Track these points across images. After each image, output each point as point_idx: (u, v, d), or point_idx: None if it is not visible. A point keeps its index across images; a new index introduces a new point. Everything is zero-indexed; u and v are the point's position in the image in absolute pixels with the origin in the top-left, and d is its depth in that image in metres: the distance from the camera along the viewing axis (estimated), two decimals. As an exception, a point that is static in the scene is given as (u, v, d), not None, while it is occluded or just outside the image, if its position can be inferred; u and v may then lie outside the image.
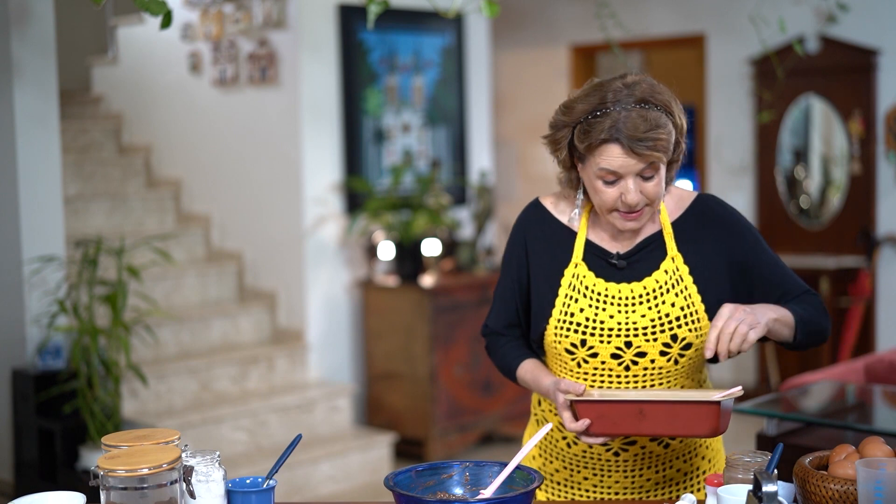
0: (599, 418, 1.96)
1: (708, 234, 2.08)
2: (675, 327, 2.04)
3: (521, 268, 2.17)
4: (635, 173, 1.97)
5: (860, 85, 6.53)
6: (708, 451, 2.23)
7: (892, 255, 6.52)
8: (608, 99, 1.97)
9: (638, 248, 2.09)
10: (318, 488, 5.44)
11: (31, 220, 5.13)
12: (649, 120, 1.95)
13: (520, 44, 8.20)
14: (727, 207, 2.12)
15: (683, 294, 2.04)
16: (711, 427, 1.91)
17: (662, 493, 2.20)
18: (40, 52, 5.13)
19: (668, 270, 2.06)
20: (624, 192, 1.98)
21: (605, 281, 2.08)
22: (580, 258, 2.10)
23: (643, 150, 1.94)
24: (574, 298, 2.08)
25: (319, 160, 5.98)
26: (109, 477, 1.81)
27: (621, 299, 2.06)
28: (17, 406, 5.06)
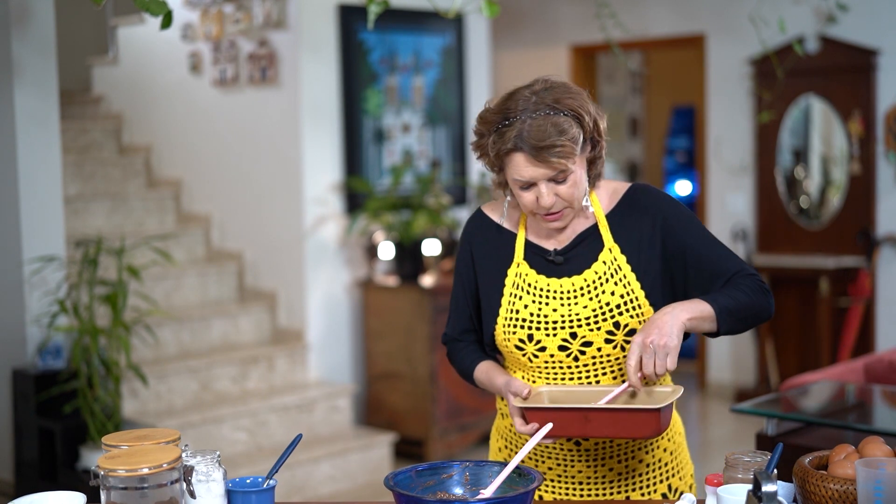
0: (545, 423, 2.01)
1: (641, 222, 2.14)
2: (616, 315, 2.10)
3: (469, 275, 2.25)
4: (546, 179, 2.05)
5: (860, 85, 6.53)
6: (670, 444, 2.26)
7: (892, 255, 6.52)
8: (516, 108, 2.04)
9: (574, 242, 2.16)
10: (318, 488, 5.45)
11: (31, 220, 5.13)
12: (551, 128, 2.00)
13: (520, 44, 8.20)
14: (659, 194, 2.17)
15: (623, 282, 2.11)
16: (653, 429, 1.96)
17: (627, 486, 2.22)
18: (41, 53, 5.14)
19: (606, 261, 2.13)
20: (538, 196, 2.06)
21: (547, 277, 2.15)
22: (521, 258, 2.18)
23: (547, 157, 2.01)
24: (518, 296, 2.15)
25: (319, 160, 5.98)
26: (110, 477, 1.81)
27: (563, 293, 2.13)
28: (18, 406, 5.06)
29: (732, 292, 2.08)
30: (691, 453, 2.42)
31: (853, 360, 4.72)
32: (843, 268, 6.54)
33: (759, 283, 2.11)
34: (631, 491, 2.22)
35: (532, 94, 2.05)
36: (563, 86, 2.08)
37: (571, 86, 2.09)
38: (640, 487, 2.22)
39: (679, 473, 2.26)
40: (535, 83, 2.09)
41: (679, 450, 2.27)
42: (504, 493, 1.96)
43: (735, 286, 2.10)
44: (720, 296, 2.07)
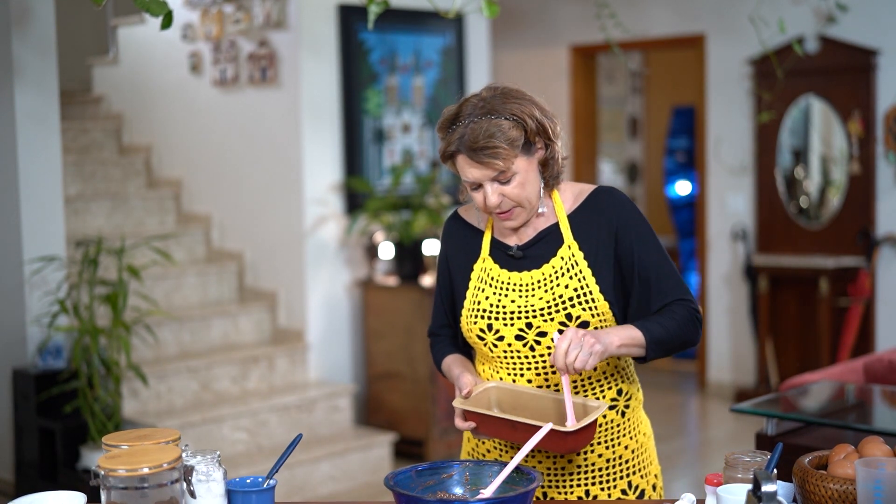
0: (482, 424, 2.15)
1: (600, 223, 2.24)
2: (569, 307, 2.19)
3: (444, 273, 2.38)
4: (490, 179, 2.16)
5: (859, 85, 6.53)
6: (632, 442, 2.31)
7: (892, 254, 6.52)
8: (462, 113, 2.17)
9: (535, 239, 2.27)
10: (318, 488, 5.45)
11: (31, 221, 5.14)
12: (488, 130, 2.12)
13: (520, 44, 8.20)
14: (621, 200, 2.26)
15: (578, 277, 2.20)
16: (567, 448, 2.06)
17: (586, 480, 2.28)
18: (41, 53, 5.14)
19: (564, 257, 2.23)
20: (485, 197, 2.18)
21: (508, 271, 2.26)
22: (487, 253, 2.30)
23: (481, 158, 2.13)
24: (482, 289, 2.27)
25: (320, 160, 5.99)
26: (110, 476, 1.82)
27: (522, 286, 2.24)
28: (18, 406, 5.06)
29: (666, 321, 2.19)
30: (691, 453, 2.44)
31: (853, 359, 4.72)
32: (842, 268, 6.54)
33: (693, 313, 2.22)
34: (590, 485, 2.28)
35: (479, 100, 2.18)
36: (511, 91, 2.19)
37: (520, 92, 2.20)
38: (600, 482, 2.28)
39: (642, 472, 2.32)
40: (484, 90, 2.21)
41: (642, 449, 2.33)
42: (504, 493, 1.96)
43: (670, 314, 2.20)
44: (653, 325, 2.18)
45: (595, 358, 2.05)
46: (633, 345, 2.15)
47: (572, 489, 2.28)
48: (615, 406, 2.28)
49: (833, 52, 6.61)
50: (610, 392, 2.27)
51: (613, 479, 2.29)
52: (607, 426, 2.27)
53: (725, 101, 7.15)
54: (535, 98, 2.21)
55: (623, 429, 2.29)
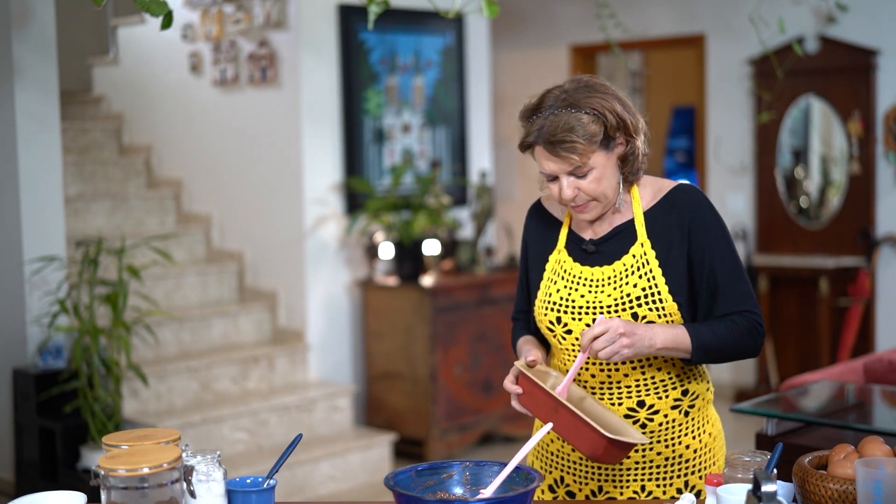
0: (528, 394, 2.13)
1: (676, 221, 2.21)
2: (635, 306, 2.18)
3: (524, 260, 2.40)
4: (566, 172, 2.15)
5: (859, 85, 6.53)
6: (694, 442, 2.28)
7: (892, 254, 6.52)
8: (544, 104, 2.16)
9: (609, 235, 2.26)
10: (318, 488, 5.45)
11: (31, 221, 5.14)
12: (566, 123, 2.11)
13: (520, 44, 8.20)
14: (699, 201, 2.23)
15: (647, 276, 2.19)
16: (594, 453, 2.02)
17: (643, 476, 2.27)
18: (41, 53, 5.14)
19: (636, 255, 2.21)
20: (560, 189, 2.18)
21: (581, 265, 2.26)
22: (563, 246, 2.30)
23: (559, 151, 2.12)
24: (554, 281, 2.28)
25: (320, 160, 5.99)
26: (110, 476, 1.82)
27: (592, 281, 2.23)
28: (18, 406, 5.06)
29: (719, 329, 2.17)
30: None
31: (853, 359, 4.72)
32: (842, 268, 6.54)
33: (754, 325, 2.19)
34: (646, 481, 2.26)
35: (562, 92, 2.16)
36: (594, 85, 2.17)
37: (603, 86, 2.18)
38: (657, 479, 2.26)
39: (701, 472, 2.29)
40: (567, 82, 2.20)
41: (706, 449, 2.30)
42: (504, 493, 1.96)
43: (728, 323, 2.18)
44: (704, 330, 2.16)
45: (619, 358, 2.07)
46: (676, 348, 2.14)
47: (628, 484, 2.27)
48: (678, 406, 2.25)
49: (833, 52, 6.60)
50: (674, 392, 2.25)
51: (671, 477, 2.27)
52: (667, 424, 2.25)
53: (725, 101, 7.15)
54: (619, 93, 2.19)
55: (685, 428, 2.26)
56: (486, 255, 6.34)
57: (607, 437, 1.99)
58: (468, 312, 5.92)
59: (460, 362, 5.88)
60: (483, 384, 6.00)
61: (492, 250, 6.41)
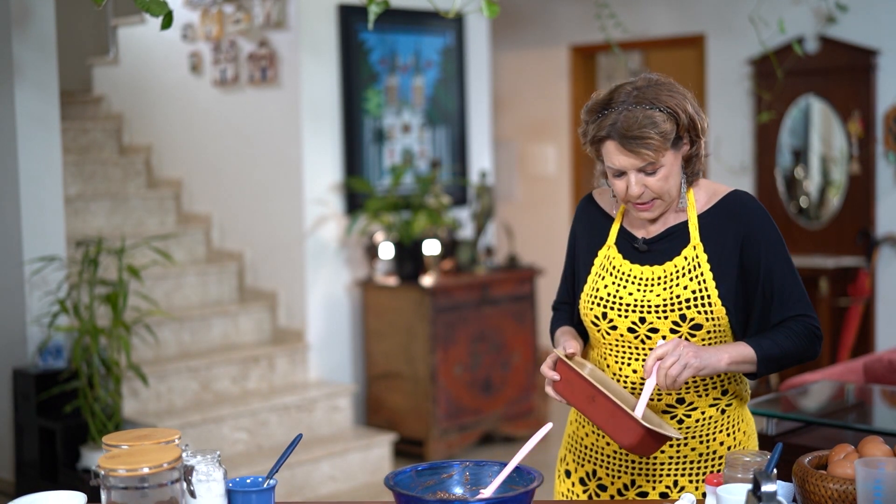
0: (565, 381, 2.14)
1: (729, 226, 2.22)
2: (683, 308, 2.19)
3: (572, 252, 2.41)
4: (636, 169, 2.15)
5: (859, 85, 6.53)
6: (728, 439, 2.30)
7: (892, 254, 6.52)
8: (616, 100, 2.16)
9: (663, 235, 2.26)
10: (318, 488, 5.45)
11: (32, 221, 5.14)
12: (643, 120, 2.12)
13: (520, 44, 8.20)
14: (755, 208, 2.25)
15: (698, 279, 2.20)
16: (630, 443, 2.03)
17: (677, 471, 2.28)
18: (41, 53, 5.14)
19: (688, 257, 2.22)
20: (628, 186, 2.17)
21: (631, 263, 2.27)
22: (613, 242, 2.31)
23: (633, 147, 2.12)
24: (602, 276, 2.29)
25: (320, 160, 5.99)
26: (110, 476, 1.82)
27: (642, 279, 2.24)
28: (18, 406, 5.06)
29: (780, 338, 2.19)
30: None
31: (853, 359, 4.72)
32: (842, 268, 6.54)
33: (812, 329, 2.21)
34: (679, 476, 2.28)
35: (634, 88, 2.17)
36: (666, 84, 2.19)
37: (675, 85, 2.20)
38: (689, 474, 2.28)
39: None
40: (639, 79, 2.21)
41: (739, 447, 2.32)
42: (504, 493, 1.96)
43: (786, 330, 2.20)
44: (766, 341, 2.18)
45: (689, 372, 2.07)
46: (743, 362, 2.15)
47: (661, 479, 2.29)
48: (717, 404, 2.27)
49: (833, 52, 6.60)
50: (714, 392, 2.26)
51: (704, 472, 2.28)
52: (704, 421, 2.27)
53: (725, 101, 7.15)
54: (688, 92, 2.21)
55: (721, 425, 2.28)
56: (486, 255, 6.34)
57: (645, 426, 2.00)
58: (468, 312, 5.92)
59: (460, 362, 5.88)
60: (483, 384, 6.00)
61: (492, 250, 6.41)
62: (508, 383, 6.11)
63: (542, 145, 8.18)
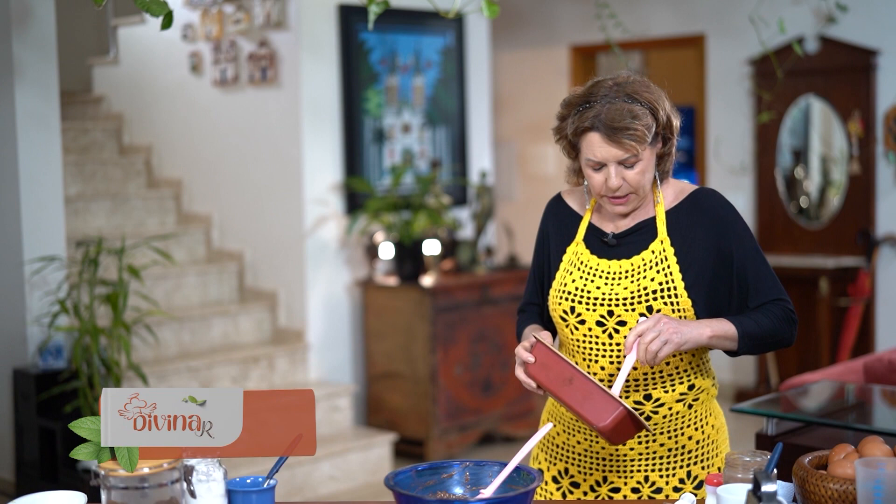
0: (541, 363, 2.14)
1: (699, 222, 2.28)
2: (651, 300, 2.23)
3: (541, 252, 2.45)
4: (617, 161, 2.20)
5: (859, 85, 6.53)
6: (696, 433, 2.32)
7: (892, 254, 6.52)
8: (598, 93, 2.21)
9: (632, 230, 2.31)
10: (318, 488, 5.45)
11: (32, 221, 5.14)
12: (627, 112, 2.17)
13: (520, 44, 8.20)
14: (723, 202, 2.31)
15: (665, 272, 2.24)
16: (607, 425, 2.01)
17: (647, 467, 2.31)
18: (41, 53, 5.14)
19: (655, 251, 2.27)
20: (607, 178, 2.22)
21: (598, 257, 2.32)
22: (581, 238, 2.36)
23: (619, 138, 2.17)
24: (570, 272, 2.33)
25: (320, 160, 5.99)
26: (110, 476, 1.82)
27: (610, 273, 2.28)
28: (19, 405, 5.07)
29: (760, 318, 2.24)
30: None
31: (853, 359, 4.72)
32: (842, 268, 6.54)
33: (788, 313, 2.27)
34: (650, 471, 2.31)
35: (614, 83, 2.23)
36: (643, 81, 2.26)
37: (651, 83, 2.27)
38: (659, 469, 2.30)
39: (704, 462, 2.33)
40: (618, 75, 2.27)
41: (709, 440, 2.34)
42: (504, 493, 1.96)
43: (765, 311, 2.25)
44: (746, 319, 2.23)
45: (669, 347, 2.09)
46: (724, 337, 2.19)
47: (632, 474, 2.31)
48: (683, 399, 2.30)
49: (833, 52, 6.60)
50: (681, 387, 2.30)
51: (673, 467, 2.31)
52: (671, 417, 2.30)
53: (725, 101, 7.15)
54: (663, 91, 2.27)
55: (689, 420, 2.31)
56: (486, 255, 6.34)
57: (626, 406, 2.00)
58: (468, 312, 5.92)
59: (460, 362, 5.88)
60: (483, 384, 6.00)
61: (492, 250, 6.41)
62: (508, 383, 6.11)
63: (541, 145, 8.18)
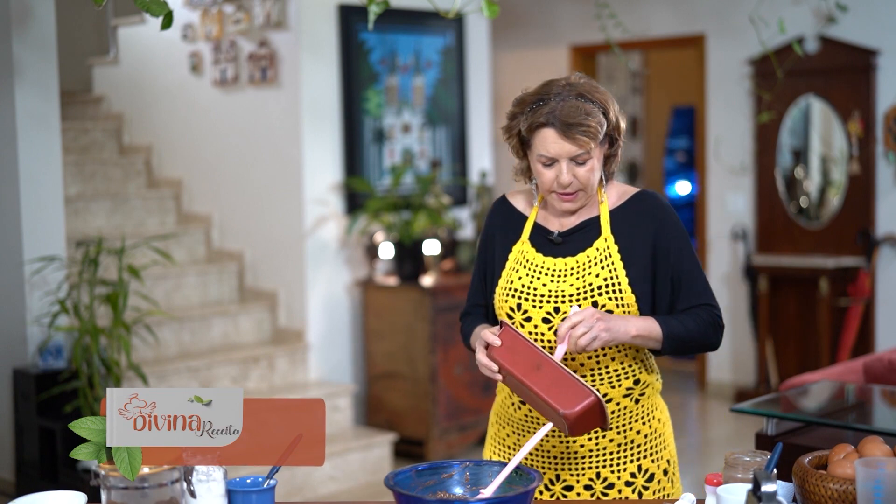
0: (507, 348, 2.16)
1: (640, 220, 2.35)
2: (596, 295, 2.28)
3: (486, 253, 2.48)
4: (569, 158, 2.26)
5: (859, 85, 6.54)
6: (644, 427, 2.37)
7: (891, 254, 6.52)
8: (551, 91, 2.28)
9: (576, 228, 2.37)
10: (318, 488, 5.45)
11: (32, 221, 5.14)
12: (581, 109, 2.24)
13: (520, 44, 8.20)
14: (663, 204, 2.38)
15: (609, 268, 2.30)
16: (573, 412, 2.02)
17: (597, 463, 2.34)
18: (41, 53, 5.14)
19: (600, 248, 2.33)
20: (558, 174, 2.27)
21: (544, 255, 2.36)
22: (527, 237, 2.40)
23: (573, 133, 2.23)
24: (516, 269, 2.37)
25: (320, 160, 5.99)
26: (110, 476, 1.82)
27: (555, 271, 2.33)
28: (19, 405, 5.07)
29: (686, 321, 2.31)
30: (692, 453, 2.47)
31: (853, 359, 4.72)
32: (842, 268, 6.54)
33: (715, 318, 2.34)
34: (601, 467, 2.34)
35: (567, 83, 2.30)
36: (594, 83, 2.33)
37: (600, 86, 2.35)
38: (610, 465, 2.34)
39: (653, 456, 2.38)
40: (570, 76, 2.34)
41: (656, 434, 2.39)
42: (504, 492, 1.96)
43: (693, 315, 2.32)
44: (673, 321, 2.29)
45: (598, 343, 2.16)
46: (648, 336, 2.25)
47: (584, 471, 2.34)
48: (630, 394, 2.34)
49: (833, 52, 6.61)
50: (627, 382, 2.34)
51: (624, 462, 2.35)
52: (620, 412, 2.34)
53: (725, 101, 7.15)
54: (611, 95, 2.35)
55: (636, 414, 2.36)
56: (486, 255, 6.33)
57: (597, 396, 2.04)
58: (468, 312, 5.91)
59: (460, 362, 5.88)
60: (483, 384, 6.00)
61: (492, 250, 6.40)
62: (508, 383, 6.11)
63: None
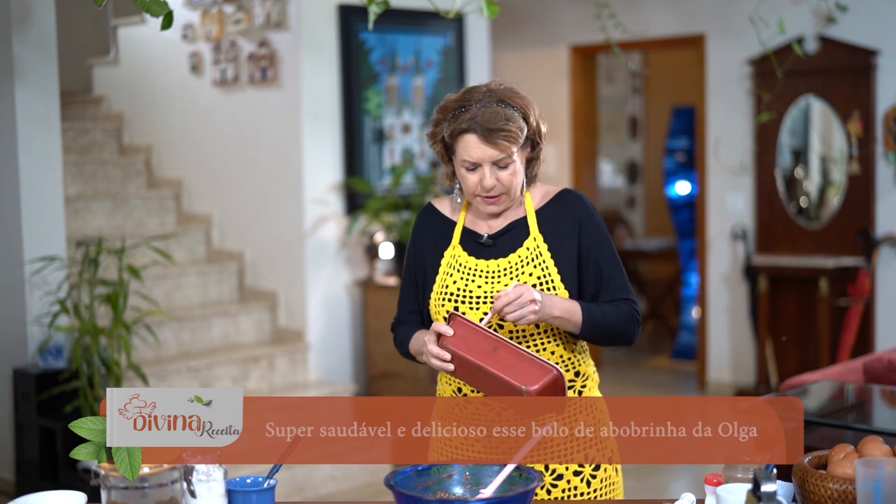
0: (460, 336, 2.23)
1: (564, 218, 2.42)
2: None
3: (416, 261, 2.51)
4: (491, 162, 2.32)
5: (859, 85, 6.53)
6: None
7: (891, 254, 6.52)
8: (472, 98, 2.34)
9: (505, 229, 2.43)
10: (318, 488, 5.45)
11: (32, 221, 5.14)
12: (501, 114, 2.30)
13: (520, 44, 8.20)
14: (585, 202, 2.46)
15: (541, 266, 2.37)
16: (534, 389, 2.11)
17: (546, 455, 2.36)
18: (41, 53, 5.14)
19: (530, 248, 2.39)
20: (482, 178, 2.34)
21: (476, 258, 2.42)
22: (457, 242, 2.46)
23: (494, 139, 2.29)
24: (450, 274, 2.42)
25: (320, 160, 5.99)
26: (110, 476, 1.82)
27: (488, 272, 2.39)
28: (19, 405, 5.07)
29: (607, 310, 2.38)
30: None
31: (852, 359, 4.72)
32: (842, 268, 6.54)
33: (633, 312, 2.42)
34: (549, 460, 2.39)
35: (488, 90, 2.36)
36: (515, 89, 2.40)
37: (521, 91, 2.42)
38: (558, 457, 2.39)
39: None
40: (490, 83, 2.41)
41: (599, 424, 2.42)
42: (504, 492, 1.96)
43: (614, 306, 2.40)
44: (595, 308, 2.37)
45: (525, 322, 2.24)
46: (569, 320, 2.32)
47: (532, 464, 2.36)
48: (572, 386, 2.41)
49: (833, 52, 6.61)
50: (568, 374, 2.40)
51: (571, 452, 2.39)
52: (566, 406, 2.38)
53: (725, 102, 7.15)
54: (532, 100, 2.41)
55: (580, 406, 2.41)
56: (486, 255, 6.34)
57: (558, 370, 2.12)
58: (468, 312, 5.91)
59: (460, 362, 5.87)
60: (483, 384, 5.99)
61: (492, 250, 6.41)
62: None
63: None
